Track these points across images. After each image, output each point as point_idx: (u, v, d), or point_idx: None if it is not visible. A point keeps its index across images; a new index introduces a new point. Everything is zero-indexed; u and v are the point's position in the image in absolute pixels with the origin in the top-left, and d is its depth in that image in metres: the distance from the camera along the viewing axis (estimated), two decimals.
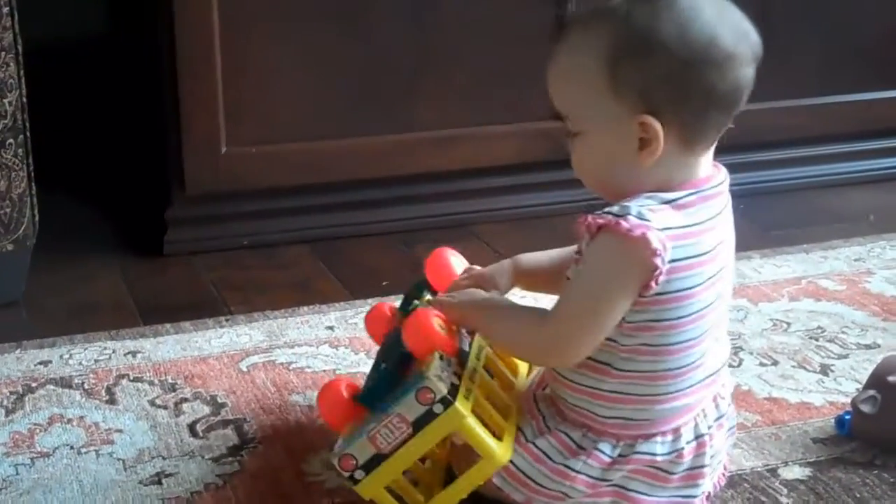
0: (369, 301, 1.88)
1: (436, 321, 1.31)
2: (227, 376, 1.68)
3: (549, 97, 1.29)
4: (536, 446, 1.30)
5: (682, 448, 1.29)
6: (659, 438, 1.29)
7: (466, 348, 1.35)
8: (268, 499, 1.38)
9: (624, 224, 1.19)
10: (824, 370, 1.69)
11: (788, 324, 1.84)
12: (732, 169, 1.32)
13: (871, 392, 1.43)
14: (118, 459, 1.47)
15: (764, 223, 2.28)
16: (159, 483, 1.42)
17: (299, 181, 2.21)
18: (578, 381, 1.29)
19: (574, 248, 1.32)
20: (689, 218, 1.24)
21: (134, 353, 1.76)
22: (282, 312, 1.89)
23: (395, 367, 1.32)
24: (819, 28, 2.44)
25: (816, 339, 1.78)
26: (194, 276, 2.09)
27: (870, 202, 2.40)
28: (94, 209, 2.41)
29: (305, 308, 1.91)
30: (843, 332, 1.81)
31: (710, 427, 1.31)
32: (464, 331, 1.37)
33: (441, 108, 2.25)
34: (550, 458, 1.29)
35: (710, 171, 1.28)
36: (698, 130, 1.23)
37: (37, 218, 1.96)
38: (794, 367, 1.70)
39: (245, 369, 1.70)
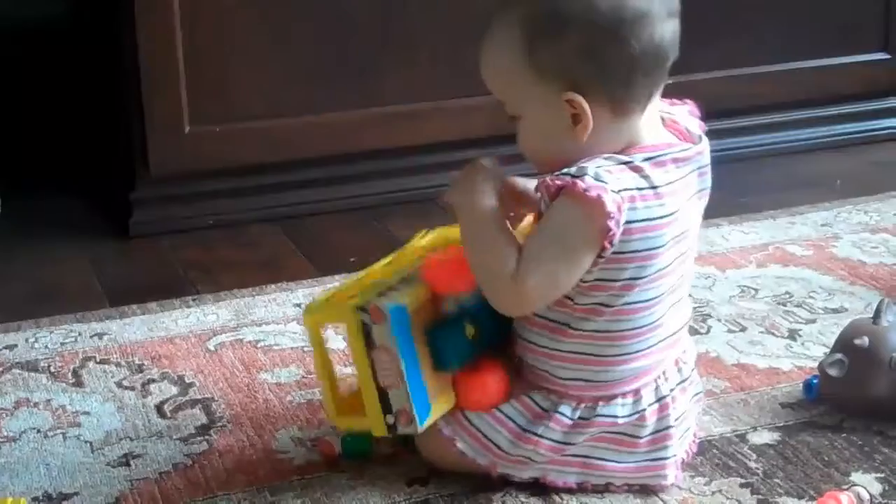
0: (337, 278, 1.87)
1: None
2: (195, 356, 1.67)
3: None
4: (500, 410, 1.31)
5: (644, 409, 1.30)
6: (619, 400, 1.30)
7: None
8: (237, 477, 1.38)
9: (580, 184, 1.20)
10: (792, 335, 1.69)
11: (756, 290, 1.84)
12: None
13: (838, 356, 1.44)
14: (85, 442, 1.46)
15: (731, 190, 2.26)
16: (127, 464, 1.41)
17: (265, 159, 2.20)
18: (537, 341, 1.30)
19: None
20: (647, 180, 1.24)
21: (100, 335, 1.74)
22: (249, 291, 1.88)
23: None
24: None
25: (784, 305, 1.79)
26: (161, 257, 2.08)
27: (836, 167, 2.40)
28: (58, 192, 2.39)
29: (273, 286, 1.90)
30: (810, 297, 1.81)
31: (671, 390, 1.32)
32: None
33: (409, 82, 2.24)
34: (513, 421, 1.30)
35: (662, 134, 1.29)
36: (628, 97, 1.24)
37: (0, 201, 1.94)
38: (762, 332, 1.70)
39: (213, 348, 1.69)
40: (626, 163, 1.24)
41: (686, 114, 1.35)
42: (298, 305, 1.82)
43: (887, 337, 1.44)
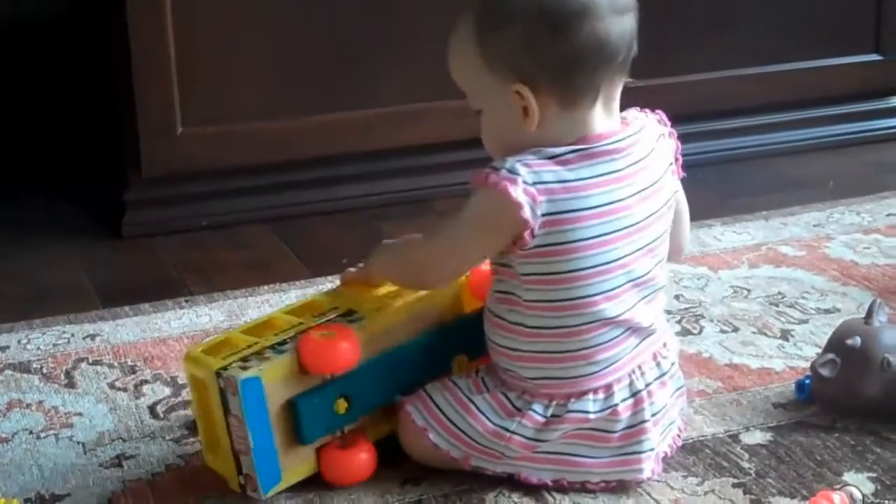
0: (329, 279, 1.87)
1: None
2: None
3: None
4: (473, 403, 1.32)
5: (616, 405, 1.31)
6: (591, 396, 1.31)
7: None
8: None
9: (493, 177, 1.24)
10: (784, 335, 1.69)
11: (749, 290, 1.84)
12: (692, 138, 1.34)
13: (831, 356, 1.44)
14: (78, 443, 1.46)
15: (723, 191, 2.28)
16: (120, 466, 1.41)
17: (257, 160, 2.20)
18: (500, 342, 1.33)
19: None
20: (573, 172, 1.26)
21: (93, 337, 1.74)
22: (242, 292, 1.88)
23: None
24: None
25: (776, 305, 1.79)
26: (153, 258, 2.08)
27: (828, 168, 2.41)
28: (50, 192, 2.39)
29: (265, 287, 1.90)
30: (802, 298, 1.81)
31: (648, 384, 1.33)
32: None
33: (402, 83, 2.24)
34: (486, 417, 1.31)
35: (610, 125, 1.30)
36: (574, 89, 1.26)
37: None
38: (754, 333, 1.70)
39: None
40: (553, 157, 1.26)
41: (653, 122, 1.35)
42: None
43: (879, 337, 1.44)
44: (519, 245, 1.26)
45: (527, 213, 1.24)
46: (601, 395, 1.31)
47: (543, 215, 1.25)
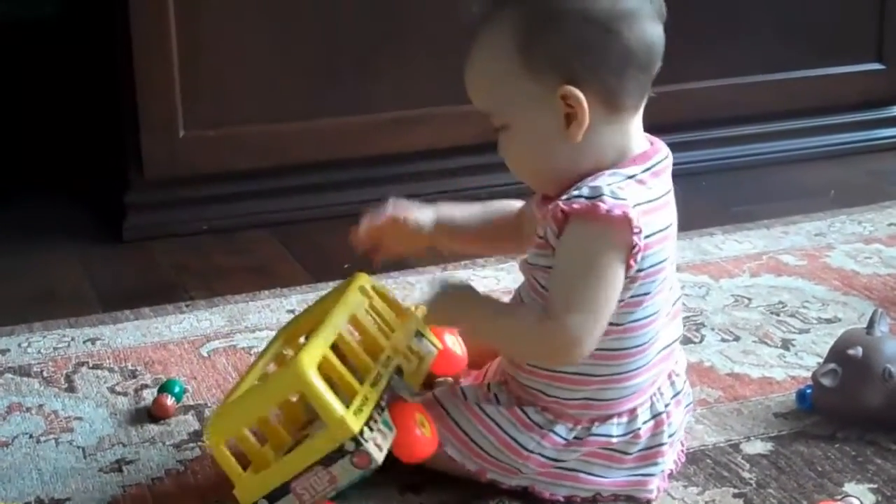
0: (331, 284, 1.87)
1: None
2: (188, 362, 1.67)
3: (470, 98, 1.30)
4: (487, 414, 1.30)
5: (639, 429, 1.30)
6: (615, 420, 1.29)
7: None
8: (228, 484, 1.36)
9: (602, 206, 1.19)
10: (785, 345, 1.69)
11: (750, 299, 1.84)
12: (693, 146, 1.34)
13: (832, 366, 1.44)
14: (78, 447, 1.46)
15: (725, 199, 2.28)
16: (119, 470, 1.41)
17: (258, 164, 2.20)
18: (542, 365, 1.29)
19: (504, 206, 1.40)
20: (649, 193, 1.24)
21: (93, 341, 1.74)
22: (242, 297, 1.88)
23: None
24: (776, 4, 2.44)
25: (777, 315, 1.79)
26: (154, 262, 2.07)
27: (830, 177, 2.41)
28: (51, 195, 2.38)
29: (266, 292, 1.90)
30: (803, 307, 1.81)
31: (667, 405, 1.32)
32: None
33: (401, 89, 2.24)
34: (502, 429, 1.29)
35: (646, 145, 1.29)
36: (621, 90, 1.24)
37: None
38: (755, 342, 1.70)
39: (206, 354, 1.69)
40: (630, 176, 1.24)
41: None
42: (292, 311, 1.82)
43: (881, 347, 1.44)
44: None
45: (640, 237, 1.20)
46: (625, 419, 1.29)
47: (644, 238, 1.21)
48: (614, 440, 1.29)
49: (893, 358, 1.43)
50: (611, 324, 1.24)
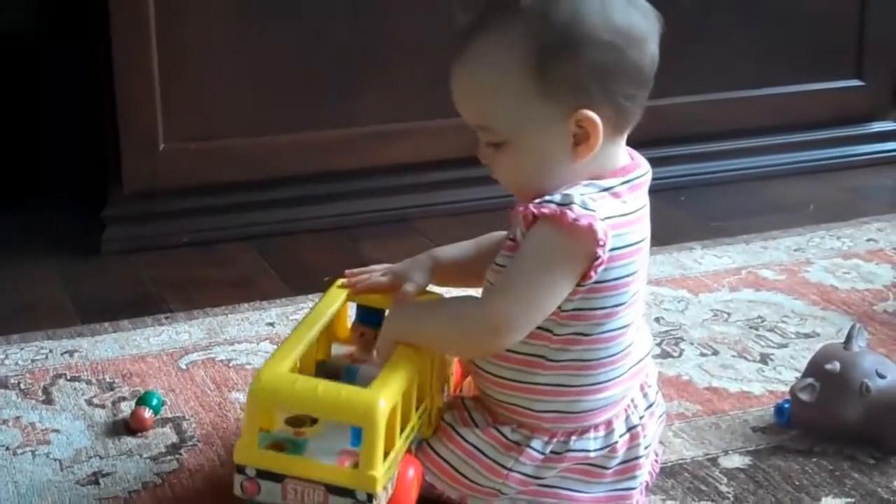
0: (310, 297, 1.87)
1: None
2: (166, 374, 1.67)
3: (459, 110, 1.27)
4: (466, 440, 1.29)
5: (616, 442, 1.30)
6: (592, 434, 1.29)
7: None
8: (206, 497, 1.37)
9: (570, 214, 1.19)
10: (764, 359, 1.70)
11: (729, 314, 1.84)
12: (673, 161, 1.34)
13: (810, 380, 1.44)
14: (55, 460, 1.45)
15: (704, 214, 2.29)
16: (96, 483, 1.40)
17: (239, 177, 2.20)
18: (511, 377, 1.28)
19: (494, 235, 1.37)
20: (624, 206, 1.24)
21: (71, 353, 1.73)
22: (222, 310, 1.88)
23: None
24: (755, 20, 2.45)
25: (756, 329, 1.79)
26: (133, 275, 2.06)
27: (809, 193, 2.42)
28: (30, 207, 2.37)
29: (246, 305, 1.89)
30: (782, 322, 1.82)
31: (641, 417, 1.32)
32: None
33: (382, 103, 2.24)
34: (482, 453, 1.29)
35: (627, 160, 1.29)
36: (630, 112, 1.25)
37: None
38: (734, 356, 1.71)
39: (184, 367, 1.69)
40: (606, 189, 1.24)
41: None
42: (271, 324, 1.81)
43: (858, 362, 1.45)
44: (580, 282, 1.22)
45: (604, 250, 1.19)
46: (602, 433, 1.29)
47: (610, 251, 1.21)
48: (592, 454, 1.29)
49: (871, 373, 1.43)
50: (583, 334, 1.25)
